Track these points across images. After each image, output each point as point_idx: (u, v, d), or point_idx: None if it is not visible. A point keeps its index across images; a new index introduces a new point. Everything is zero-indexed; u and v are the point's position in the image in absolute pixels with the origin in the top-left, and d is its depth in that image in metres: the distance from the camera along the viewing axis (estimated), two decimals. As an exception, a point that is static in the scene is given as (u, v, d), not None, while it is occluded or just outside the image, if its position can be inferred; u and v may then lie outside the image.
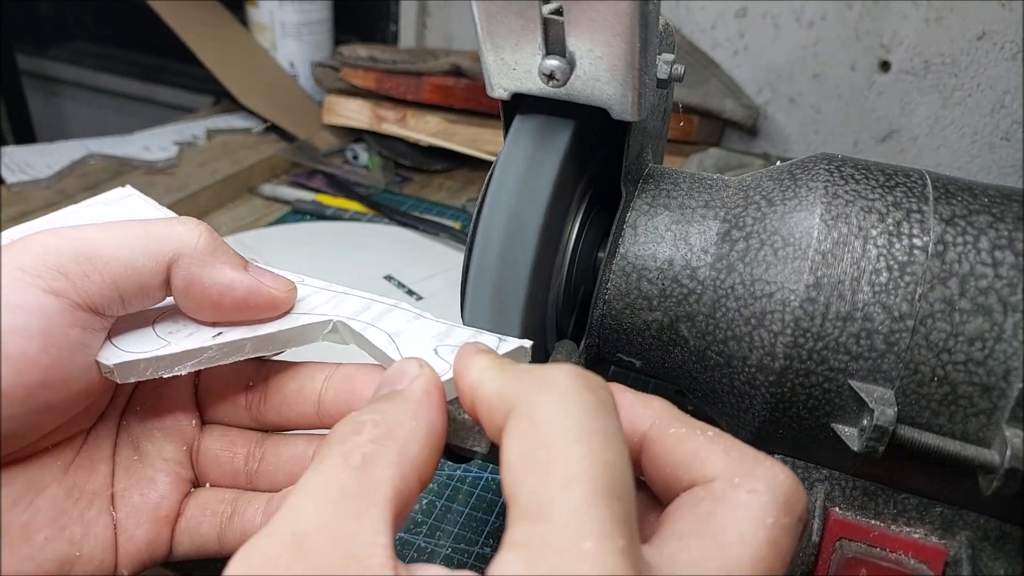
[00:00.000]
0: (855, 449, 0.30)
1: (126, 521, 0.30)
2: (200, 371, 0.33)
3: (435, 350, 0.28)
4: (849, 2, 0.90)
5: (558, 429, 0.20)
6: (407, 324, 0.30)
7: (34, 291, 0.25)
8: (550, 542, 0.19)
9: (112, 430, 0.31)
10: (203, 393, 0.33)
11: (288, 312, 0.30)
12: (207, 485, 0.32)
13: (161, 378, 0.32)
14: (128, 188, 0.37)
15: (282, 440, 0.32)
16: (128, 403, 0.32)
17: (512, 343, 0.29)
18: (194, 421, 0.33)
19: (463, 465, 0.50)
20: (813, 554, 0.32)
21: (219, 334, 0.29)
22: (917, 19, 0.88)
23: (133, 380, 0.28)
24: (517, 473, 0.20)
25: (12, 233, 0.30)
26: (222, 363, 0.29)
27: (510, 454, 0.21)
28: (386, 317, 0.30)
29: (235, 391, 0.33)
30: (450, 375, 0.26)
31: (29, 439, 0.27)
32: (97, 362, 0.27)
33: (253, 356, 0.30)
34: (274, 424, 0.32)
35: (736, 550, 0.21)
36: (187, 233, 0.28)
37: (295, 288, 0.31)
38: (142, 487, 0.31)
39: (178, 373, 0.29)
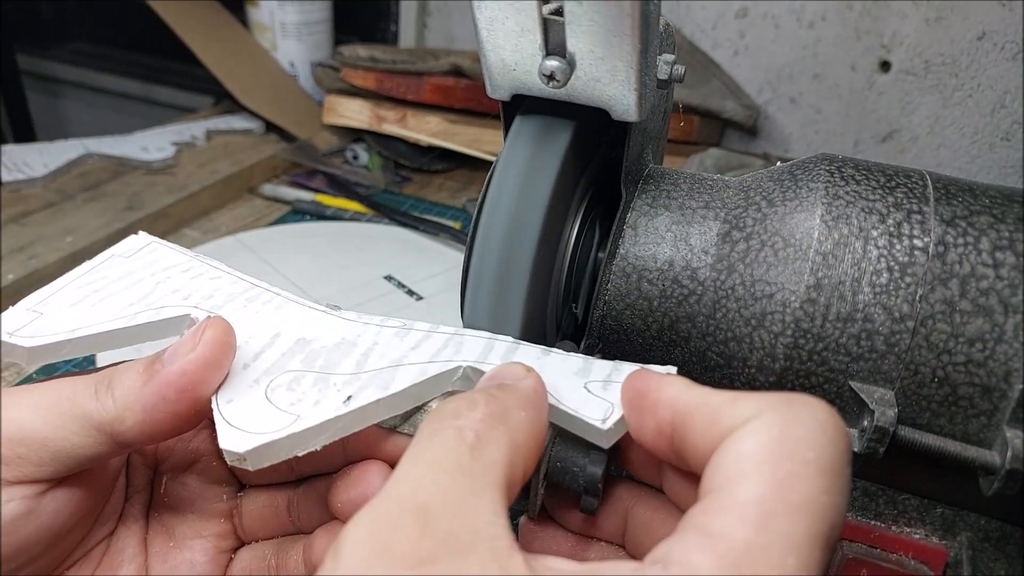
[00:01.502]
0: (856, 450, 0.30)
1: None
2: None
3: (586, 387, 0.26)
4: (849, 2, 0.90)
5: (808, 453, 0.19)
6: (540, 361, 0.28)
7: None
8: (756, 554, 0.18)
9: (136, 528, 0.31)
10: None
11: (400, 365, 0.28)
12: (252, 542, 0.32)
13: (180, 467, 0.32)
14: (143, 236, 0.34)
15: (313, 483, 0.32)
16: (152, 496, 0.32)
17: (660, 370, 0.26)
18: (230, 493, 0.32)
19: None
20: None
21: (348, 399, 0.26)
22: (917, 19, 0.88)
23: (267, 464, 0.24)
24: (746, 467, 0.19)
25: (30, 302, 0.29)
26: (354, 431, 0.26)
27: (744, 447, 0.20)
28: (515, 356, 0.28)
29: None
30: (615, 414, 0.25)
31: None
32: (223, 450, 0.24)
33: (387, 417, 0.27)
34: (312, 471, 0.32)
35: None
36: (107, 400, 0.26)
37: (213, 323, 0.26)
38: (181, 572, 0.30)
39: (312, 449, 0.25)
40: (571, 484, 0.26)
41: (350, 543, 0.19)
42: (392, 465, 0.29)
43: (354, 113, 0.96)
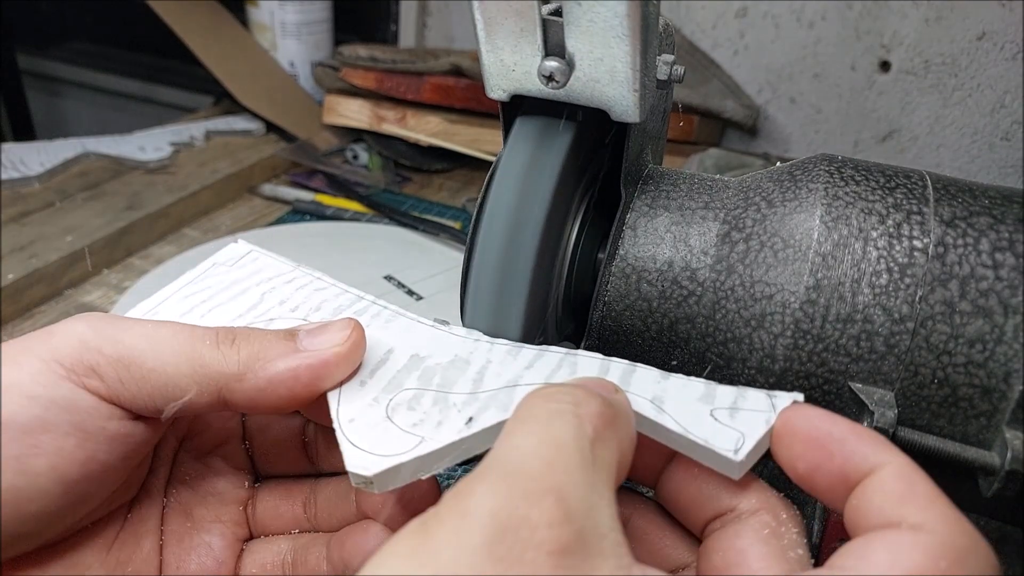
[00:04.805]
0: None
1: None
2: (252, 430, 0.32)
3: (712, 415, 0.25)
4: (849, 2, 0.90)
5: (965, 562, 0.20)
6: (660, 386, 0.27)
7: (67, 385, 0.24)
8: None
9: (157, 500, 0.30)
10: (258, 453, 0.32)
11: (518, 386, 0.27)
12: (262, 537, 0.32)
13: (208, 445, 0.32)
14: (243, 244, 0.34)
15: (332, 481, 0.32)
16: (172, 472, 0.31)
17: (785, 397, 0.26)
18: (247, 482, 0.32)
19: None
20: (814, 555, 0.32)
21: (471, 420, 0.25)
22: (917, 19, 0.88)
23: (391, 488, 0.24)
24: (911, 560, 0.19)
25: (138, 312, 0.30)
26: (476, 452, 0.25)
27: (919, 542, 0.20)
28: (633, 379, 0.27)
29: (292, 447, 0.32)
30: (747, 443, 0.24)
31: (66, 527, 0.27)
32: (350, 472, 0.23)
33: None
34: (332, 468, 0.32)
35: None
36: (231, 354, 0.26)
37: (358, 325, 0.27)
38: (199, 554, 0.30)
39: (435, 472, 0.24)
40: None
41: (484, 508, 0.18)
42: None
43: (354, 113, 0.96)
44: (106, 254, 0.74)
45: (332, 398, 0.26)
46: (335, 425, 0.25)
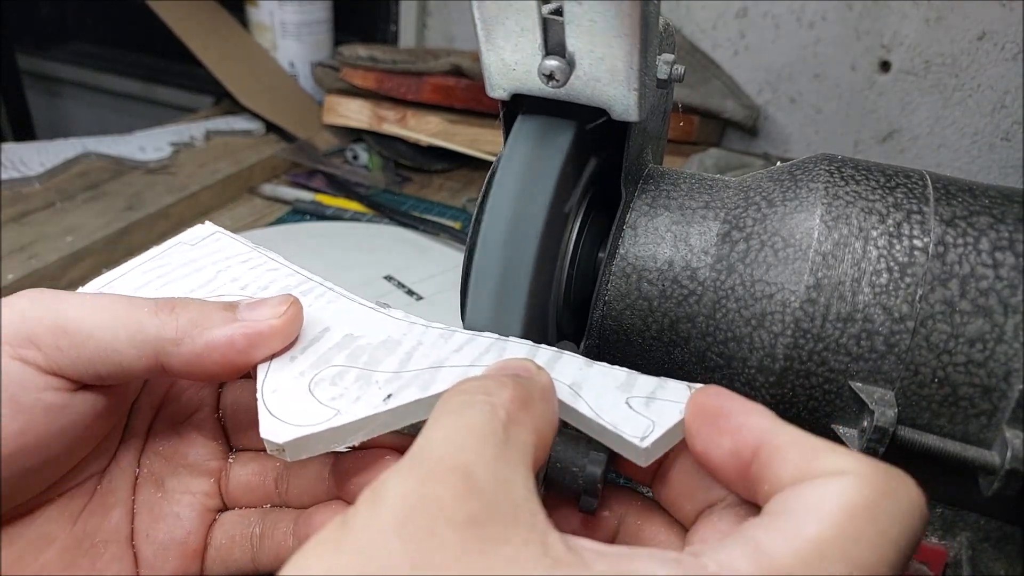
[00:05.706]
0: (855, 450, 0.30)
1: (153, 559, 0.30)
2: (226, 401, 0.32)
3: (627, 403, 0.26)
4: (849, 2, 0.90)
5: (892, 529, 0.19)
6: (582, 372, 0.27)
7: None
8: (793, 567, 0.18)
9: (129, 471, 0.31)
10: (231, 424, 0.32)
11: (442, 367, 0.27)
12: (236, 509, 0.32)
13: (180, 415, 0.32)
14: (209, 225, 0.35)
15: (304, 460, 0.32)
16: (146, 442, 0.31)
17: (697, 387, 0.26)
18: (220, 453, 0.32)
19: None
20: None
21: (389, 397, 0.26)
22: (917, 19, 0.88)
23: (305, 457, 0.25)
24: (826, 510, 0.19)
25: (96, 284, 0.31)
26: (394, 428, 0.26)
27: (833, 491, 0.20)
28: (557, 365, 0.27)
29: None
30: (656, 432, 0.24)
31: (17, 501, 0.27)
32: (264, 440, 0.24)
33: (425, 418, 0.26)
34: None
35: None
36: (170, 320, 0.27)
37: (296, 302, 0.28)
38: (168, 523, 0.30)
39: (350, 445, 0.25)
40: (570, 484, 0.26)
41: (394, 493, 0.19)
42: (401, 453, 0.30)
43: (354, 113, 0.96)
44: (106, 254, 0.74)
45: (261, 370, 0.27)
46: (258, 394, 0.26)
